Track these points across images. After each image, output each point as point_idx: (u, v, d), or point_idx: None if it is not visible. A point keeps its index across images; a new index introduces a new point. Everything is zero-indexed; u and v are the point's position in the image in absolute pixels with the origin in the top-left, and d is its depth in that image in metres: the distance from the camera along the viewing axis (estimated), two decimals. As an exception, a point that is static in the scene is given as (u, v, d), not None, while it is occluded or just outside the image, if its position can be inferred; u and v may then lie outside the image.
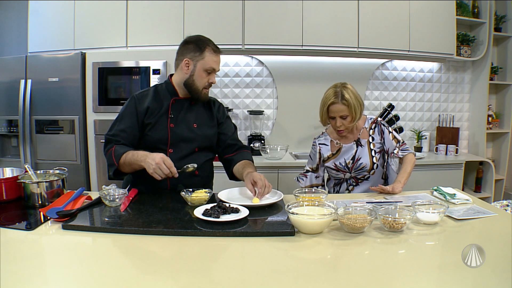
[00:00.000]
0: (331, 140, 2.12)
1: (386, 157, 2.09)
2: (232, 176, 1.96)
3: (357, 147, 2.05)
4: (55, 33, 3.28)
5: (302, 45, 3.33)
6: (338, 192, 2.14)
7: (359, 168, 2.03)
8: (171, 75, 1.90)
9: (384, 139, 2.05)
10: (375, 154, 2.04)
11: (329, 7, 3.34)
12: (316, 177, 2.16)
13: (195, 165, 1.74)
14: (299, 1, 3.30)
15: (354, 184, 2.08)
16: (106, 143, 1.80)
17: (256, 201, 1.59)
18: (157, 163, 1.59)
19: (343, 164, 2.06)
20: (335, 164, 2.07)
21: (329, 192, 2.08)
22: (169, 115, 1.82)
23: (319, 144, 2.14)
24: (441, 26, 3.50)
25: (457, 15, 3.55)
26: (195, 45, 1.78)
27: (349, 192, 2.09)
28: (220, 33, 3.21)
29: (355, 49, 3.39)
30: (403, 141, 2.07)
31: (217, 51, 1.79)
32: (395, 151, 2.03)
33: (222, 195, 1.67)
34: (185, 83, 1.81)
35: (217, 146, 1.98)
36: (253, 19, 3.27)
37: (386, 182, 2.11)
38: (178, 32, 3.19)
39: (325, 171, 2.18)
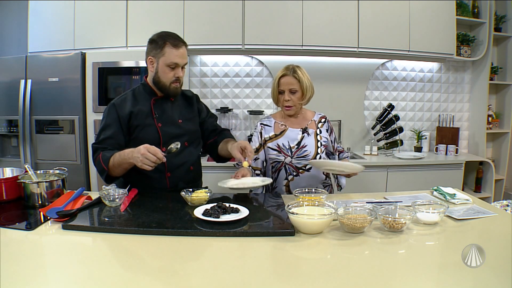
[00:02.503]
0: (275, 122, 2.09)
1: (329, 154, 2.15)
2: (219, 158, 2.04)
3: (303, 133, 2.04)
4: (55, 33, 3.28)
5: (302, 45, 3.33)
6: (276, 179, 2.04)
7: (302, 155, 2.00)
8: (146, 76, 1.90)
9: (332, 137, 2.12)
10: (320, 145, 2.03)
11: (329, 7, 3.34)
12: (255, 159, 2.05)
13: (178, 143, 1.69)
14: (299, 1, 3.30)
15: (294, 173, 2.01)
16: (93, 152, 1.79)
17: (246, 165, 1.70)
18: (142, 154, 1.57)
19: (287, 147, 2.02)
20: (278, 145, 2.02)
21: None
22: (153, 115, 1.82)
23: (261, 124, 2.10)
24: (441, 26, 3.50)
25: (457, 15, 3.55)
26: (155, 42, 1.79)
27: (288, 181, 2.01)
28: (220, 33, 3.22)
29: (355, 49, 3.39)
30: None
31: (177, 45, 1.76)
32: (345, 154, 2.17)
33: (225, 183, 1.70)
34: (153, 81, 1.84)
35: (201, 136, 2.03)
36: (253, 19, 3.27)
37: (327, 179, 2.11)
38: (178, 32, 3.10)
39: (265, 157, 2.08)
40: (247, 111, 3.65)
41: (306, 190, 1.67)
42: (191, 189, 1.65)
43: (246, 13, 3.27)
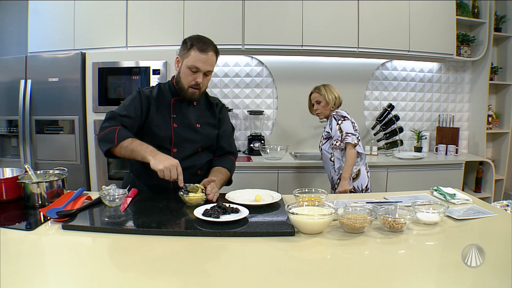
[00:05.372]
0: None
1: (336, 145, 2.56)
2: None
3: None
4: (55, 33, 3.28)
5: (302, 45, 3.33)
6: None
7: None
8: (174, 76, 1.91)
9: (331, 128, 2.58)
10: (322, 139, 2.71)
11: (329, 7, 3.34)
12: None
13: (188, 188, 1.67)
14: (299, 1, 3.31)
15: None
16: (110, 118, 1.73)
17: (259, 198, 1.62)
18: (166, 167, 1.57)
19: None
20: None
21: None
22: (171, 115, 1.82)
23: None
24: (441, 26, 3.50)
25: (457, 15, 3.55)
26: (185, 43, 1.79)
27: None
28: (220, 33, 3.21)
29: (355, 49, 3.39)
30: (347, 133, 2.50)
31: (204, 50, 1.73)
32: (337, 143, 2.52)
33: (231, 195, 1.68)
34: (175, 81, 1.84)
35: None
36: (253, 19, 3.27)
37: (334, 164, 2.61)
38: (178, 32, 3.19)
39: None
40: (247, 111, 3.65)
41: (306, 190, 1.67)
42: (187, 188, 1.65)
43: (246, 13, 3.27)
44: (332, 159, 2.60)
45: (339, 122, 2.54)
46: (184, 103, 1.86)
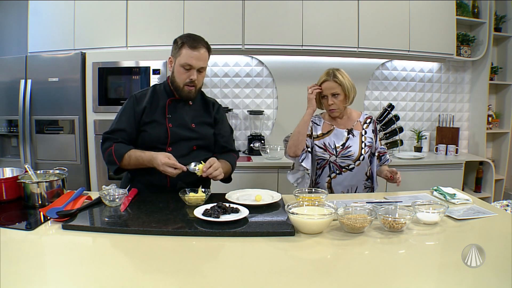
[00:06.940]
0: (324, 122, 2.16)
1: (371, 155, 2.16)
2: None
3: (348, 135, 2.10)
4: (55, 33, 3.28)
5: (302, 45, 3.33)
6: (320, 176, 2.13)
7: (346, 155, 2.06)
8: (169, 76, 1.92)
9: (376, 137, 2.16)
10: (364, 146, 2.09)
11: (329, 7, 3.34)
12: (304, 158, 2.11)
13: (195, 168, 1.73)
14: (299, 1, 3.30)
15: (337, 172, 2.08)
16: (104, 141, 1.82)
17: (259, 198, 1.62)
18: (163, 163, 1.66)
19: (332, 146, 2.08)
20: (324, 143, 2.09)
21: (311, 176, 2.14)
22: (166, 115, 1.83)
23: (312, 122, 2.15)
24: (441, 26, 3.50)
25: (457, 15, 3.55)
26: (176, 42, 1.82)
27: (331, 179, 2.09)
28: (220, 33, 3.22)
29: (355, 49, 3.39)
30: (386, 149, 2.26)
31: (195, 47, 1.76)
32: (382, 156, 2.19)
33: (231, 195, 1.68)
34: (170, 81, 1.86)
35: (213, 146, 2.00)
36: (253, 19, 3.27)
37: (369, 180, 2.17)
38: (178, 32, 3.15)
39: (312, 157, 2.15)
40: (247, 111, 3.65)
41: (306, 190, 1.67)
42: (188, 189, 1.65)
43: (246, 13, 3.27)
44: (368, 173, 2.15)
45: (380, 132, 2.22)
46: (180, 103, 1.87)
